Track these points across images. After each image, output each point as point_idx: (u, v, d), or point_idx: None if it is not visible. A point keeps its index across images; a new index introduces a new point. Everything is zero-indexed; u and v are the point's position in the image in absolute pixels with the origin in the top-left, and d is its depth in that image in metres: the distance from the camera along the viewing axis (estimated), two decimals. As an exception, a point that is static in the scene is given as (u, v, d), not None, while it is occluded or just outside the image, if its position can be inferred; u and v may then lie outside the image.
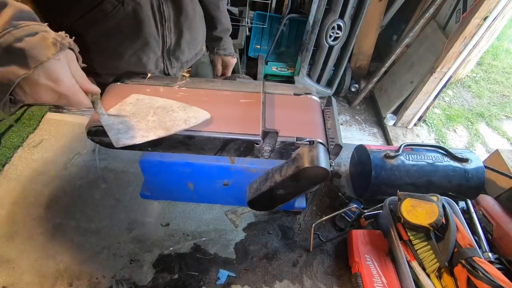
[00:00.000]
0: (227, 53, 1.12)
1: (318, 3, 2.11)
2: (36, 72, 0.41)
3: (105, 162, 0.96)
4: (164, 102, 0.65)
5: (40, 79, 0.42)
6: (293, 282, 0.76)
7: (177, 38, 0.87)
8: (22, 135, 0.99)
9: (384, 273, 0.71)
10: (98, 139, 0.63)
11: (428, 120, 2.72)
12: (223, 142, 0.62)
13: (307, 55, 2.38)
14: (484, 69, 3.45)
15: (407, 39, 2.20)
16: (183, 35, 0.87)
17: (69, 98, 0.47)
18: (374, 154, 0.85)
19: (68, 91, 0.45)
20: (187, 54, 0.94)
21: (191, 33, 0.90)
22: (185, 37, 0.88)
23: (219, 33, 1.06)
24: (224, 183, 0.77)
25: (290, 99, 0.74)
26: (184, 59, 0.95)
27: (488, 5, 1.75)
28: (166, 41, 0.85)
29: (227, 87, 0.73)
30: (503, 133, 2.76)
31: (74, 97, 0.47)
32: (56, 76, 0.43)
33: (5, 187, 0.87)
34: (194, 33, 0.91)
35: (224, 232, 0.84)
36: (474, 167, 0.84)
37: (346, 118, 2.66)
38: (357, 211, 0.86)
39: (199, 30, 0.95)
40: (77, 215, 0.83)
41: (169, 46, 0.87)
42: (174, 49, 0.89)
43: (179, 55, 0.91)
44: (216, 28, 1.04)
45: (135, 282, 0.73)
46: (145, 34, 0.78)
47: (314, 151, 0.61)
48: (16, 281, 0.71)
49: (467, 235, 0.70)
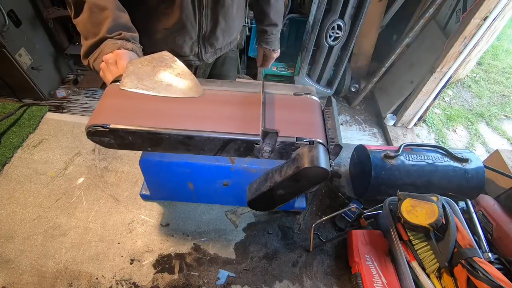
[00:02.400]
0: (269, 47, 1.20)
1: (318, 3, 2.11)
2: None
3: (105, 162, 0.95)
4: (179, 66, 0.69)
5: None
6: (293, 282, 0.76)
7: (213, 25, 0.91)
8: (22, 135, 0.99)
9: (384, 273, 0.71)
10: (98, 139, 0.63)
11: (428, 120, 2.72)
12: (223, 142, 0.62)
13: (307, 55, 2.38)
14: (484, 69, 3.45)
15: (407, 39, 2.20)
16: (219, 23, 0.91)
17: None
18: (374, 154, 0.85)
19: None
20: (221, 41, 0.98)
21: (227, 22, 0.93)
22: (221, 25, 0.92)
23: (265, 26, 1.12)
24: (224, 183, 0.77)
25: (290, 99, 0.74)
26: (218, 46, 0.99)
27: (488, 5, 1.75)
28: (202, 27, 0.89)
29: (227, 87, 0.73)
30: (503, 133, 2.76)
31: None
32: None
33: (5, 187, 0.87)
34: (230, 22, 0.95)
35: (224, 232, 0.84)
36: (474, 167, 0.84)
37: (346, 118, 2.67)
38: (357, 211, 0.86)
39: (235, 20, 0.98)
40: (77, 215, 0.83)
41: (205, 32, 0.91)
42: (209, 35, 0.93)
43: (213, 41, 0.95)
44: (263, 21, 1.10)
45: (135, 282, 0.73)
46: (183, 19, 0.83)
47: (314, 151, 0.61)
48: (16, 281, 0.71)
49: (467, 235, 0.70)
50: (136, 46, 0.70)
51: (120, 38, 0.68)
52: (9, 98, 2.20)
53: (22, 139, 0.98)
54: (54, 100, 2.37)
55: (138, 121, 0.61)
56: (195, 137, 0.61)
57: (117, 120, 0.61)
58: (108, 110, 0.63)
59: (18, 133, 1.00)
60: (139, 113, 0.62)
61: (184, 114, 0.64)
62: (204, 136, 0.61)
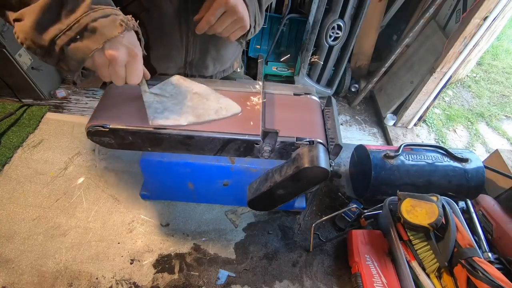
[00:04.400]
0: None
1: (318, 3, 2.12)
2: (105, 46, 0.49)
3: (105, 162, 0.96)
4: (201, 89, 0.68)
5: (105, 53, 0.49)
6: (293, 282, 0.76)
7: (202, 53, 0.84)
8: (22, 135, 0.99)
9: (384, 273, 0.72)
10: (98, 139, 0.63)
11: (428, 120, 2.72)
12: (223, 142, 0.62)
13: (307, 55, 2.38)
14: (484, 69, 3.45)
15: (407, 39, 2.20)
16: (209, 51, 0.84)
17: (118, 67, 0.52)
18: (374, 154, 0.85)
19: (119, 61, 0.51)
20: (212, 69, 0.91)
21: (218, 51, 0.86)
22: (211, 54, 0.85)
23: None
24: (224, 183, 0.77)
25: (290, 99, 0.74)
26: (208, 74, 0.92)
27: (488, 5, 1.75)
28: (190, 53, 0.82)
29: (227, 87, 0.73)
30: (503, 133, 2.76)
31: (120, 69, 0.53)
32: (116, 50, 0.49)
33: (5, 187, 0.87)
34: (222, 50, 0.88)
35: (224, 232, 0.84)
36: (474, 167, 0.84)
37: (346, 118, 2.67)
38: (357, 211, 0.86)
39: (228, 49, 0.90)
40: (77, 215, 0.83)
41: (192, 59, 0.84)
42: (198, 63, 0.86)
43: (202, 69, 0.89)
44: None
45: (135, 282, 0.73)
46: (168, 44, 0.77)
47: (314, 151, 0.61)
48: (16, 281, 0.71)
49: (466, 235, 0.70)
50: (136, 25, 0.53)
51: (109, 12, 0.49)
52: (9, 98, 2.20)
53: (22, 139, 0.98)
54: (54, 100, 2.37)
55: (138, 121, 0.61)
56: (195, 137, 0.61)
57: (117, 120, 0.61)
58: (108, 110, 0.63)
59: (18, 133, 1.00)
60: (139, 113, 0.62)
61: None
62: (204, 136, 0.61)
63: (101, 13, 0.48)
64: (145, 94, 0.63)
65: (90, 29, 0.47)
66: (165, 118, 0.61)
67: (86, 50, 0.47)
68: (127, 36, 0.51)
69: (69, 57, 0.48)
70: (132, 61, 0.53)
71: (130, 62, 0.53)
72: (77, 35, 0.47)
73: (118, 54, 0.49)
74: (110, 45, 0.49)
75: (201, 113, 0.63)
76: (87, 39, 0.47)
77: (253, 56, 2.56)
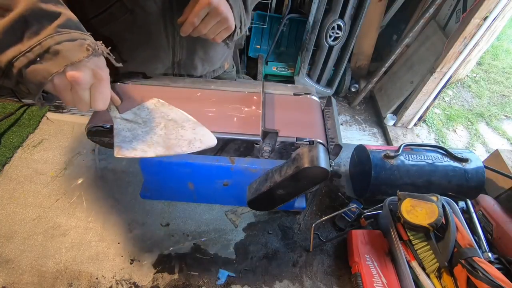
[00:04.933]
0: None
1: (318, 3, 2.12)
2: (67, 69, 0.46)
3: (105, 162, 0.95)
4: (177, 115, 0.63)
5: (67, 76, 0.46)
6: (293, 282, 0.76)
7: (189, 54, 0.83)
8: (22, 135, 0.99)
9: (384, 273, 0.72)
10: (98, 139, 0.63)
11: (428, 120, 2.72)
12: (223, 142, 0.62)
13: (307, 55, 2.38)
14: (484, 69, 3.45)
15: (407, 39, 2.20)
16: (196, 52, 0.83)
17: (83, 95, 0.49)
18: (374, 154, 0.85)
19: (83, 83, 0.47)
20: (201, 70, 0.90)
21: (206, 51, 0.85)
22: (198, 54, 0.84)
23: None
24: (224, 183, 0.77)
25: (290, 99, 0.74)
26: (197, 74, 0.91)
27: (488, 5, 1.76)
28: (177, 54, 0.81)
29: (227, 87, 0.73)
30: (503, 133, 2.76)
31: (84, 95, 0.49)
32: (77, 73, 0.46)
33: (5, 187, 0.87)
34: (210, 51, 0.86)
35: (224, 232, 0.84)
36: (474, 167, 0.84)
37: (346, 118, 2.67)
38: (357, 211, 0.86)
39: (217, 49, 0.88)
40: (77, 215, 0.83)
41: (180, 59, 0.83)
42: (186, 63, 0.85)
43: (190, 69, 0.88)
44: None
45: (135, 282, 0.73)
46: (154, 45, 0.76)
47: (314, 151, 0.61)
48: (16, 281, 0.71)
49: (466, 235, 0.70)
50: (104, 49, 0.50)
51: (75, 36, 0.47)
52: (9, 98, 2.20)
53: (22, 139, 0.98)
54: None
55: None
56: (195, 137, 0.61)
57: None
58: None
59: (18, 133, 1.00)
60: (139, 113, 0.62)
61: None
62: (204, 136, 0.61)
63: (68, 36, 0.45)
64: (115, 120, 0.59)
65: (52, 52, 0.44)
66: (132, 149, 0.57)
67: (45, 73, 0.44)
68: (93, 60, 0.48)
69: (28, 80, 0.45)
70: (97, 83, 0.49)
71: (95, 84, 0.49)
72: (37, 57, 0.44)
73: (81, 75, 0.46)
74: (72, 68, 0.45)
75: (173, 143, 0.59)
76: (47, 62, 0.44)
77: (253, 56, 2.56)
